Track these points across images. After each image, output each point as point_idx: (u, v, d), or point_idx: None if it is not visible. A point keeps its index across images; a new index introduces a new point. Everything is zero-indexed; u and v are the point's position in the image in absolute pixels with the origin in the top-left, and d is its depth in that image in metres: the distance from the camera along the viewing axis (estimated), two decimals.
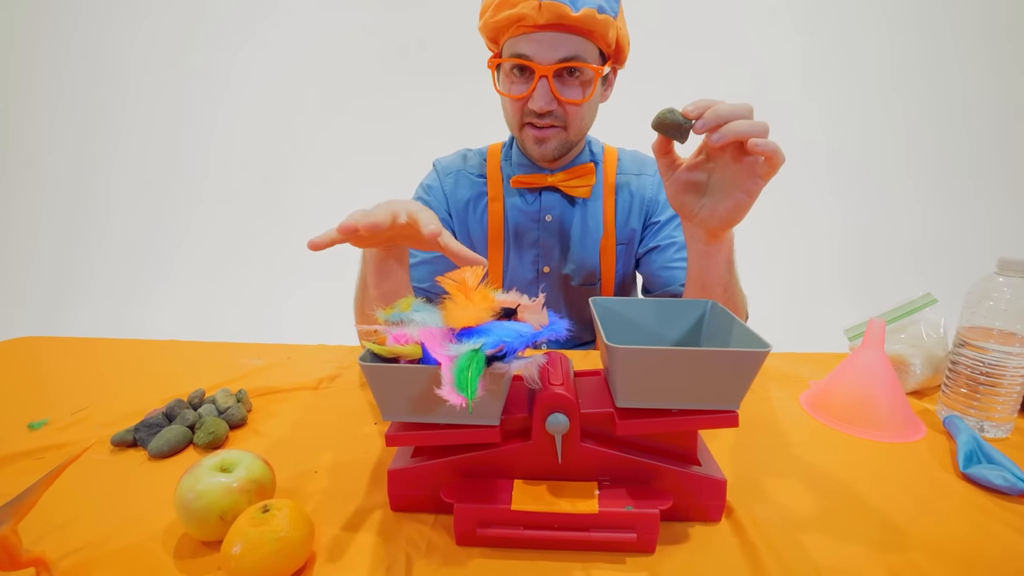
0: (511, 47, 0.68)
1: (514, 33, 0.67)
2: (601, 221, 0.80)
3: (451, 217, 0.82)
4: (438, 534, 0.41)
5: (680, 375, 0.37)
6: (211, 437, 0.52)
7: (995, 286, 0.54)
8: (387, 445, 0.40)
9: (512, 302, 0.42)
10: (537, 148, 0.74)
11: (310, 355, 0.77)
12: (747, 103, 0.46)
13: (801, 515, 0.44)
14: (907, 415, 0.57)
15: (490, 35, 0.70)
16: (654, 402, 0.39)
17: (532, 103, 0.68)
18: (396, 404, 0.38)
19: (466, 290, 0.43)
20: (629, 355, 0.37)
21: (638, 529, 0.39)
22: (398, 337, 0.39)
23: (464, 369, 0.34)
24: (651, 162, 0.85)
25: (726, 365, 0.37)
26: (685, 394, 0.38)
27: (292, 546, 0.35)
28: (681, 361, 0.37)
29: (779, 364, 0.75)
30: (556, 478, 0.42)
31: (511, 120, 0.74)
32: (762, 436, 0.56)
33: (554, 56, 0.66)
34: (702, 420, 0.40)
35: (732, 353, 0.37)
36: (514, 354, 0.36)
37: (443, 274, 0.42)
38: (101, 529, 0.41)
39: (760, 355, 0.36)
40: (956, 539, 0.41)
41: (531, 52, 0.66)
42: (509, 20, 0.65)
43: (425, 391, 0.37)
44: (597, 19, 0.64)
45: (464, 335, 0.38)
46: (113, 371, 0.73)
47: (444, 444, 0.41)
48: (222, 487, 0.38)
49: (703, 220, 0.53)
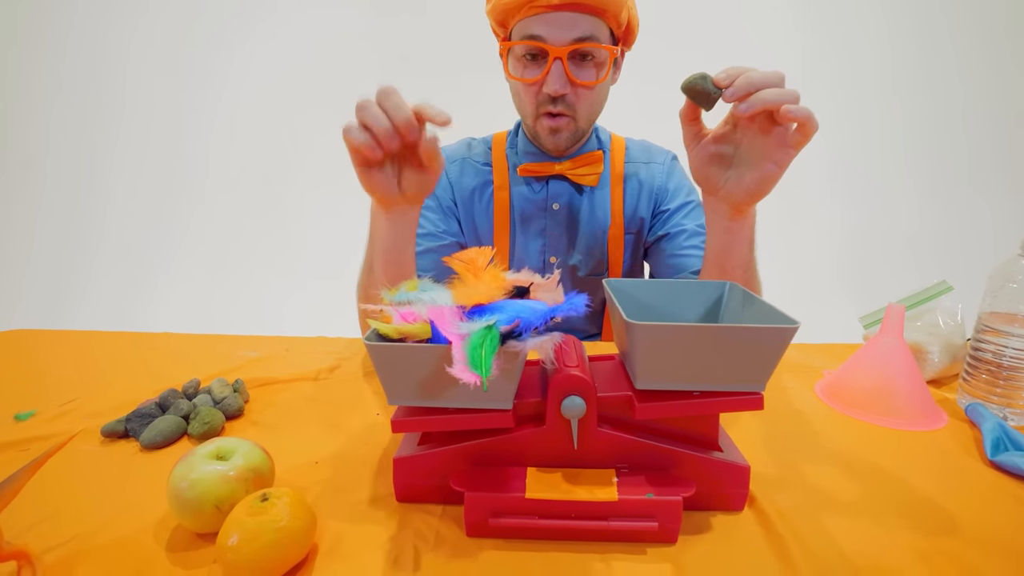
0: (522, 29, 0.66)
1: (526, 14, 0.64)
2: (609, 210, 0.78)
3: (456, 205, 0.80)
4: (447, 525, 0.39)
5: (704, 354, 0.35)
6: (206, 427, 0.49)
7: (1018, 268, 0.52)
8: (393, 431, 0.38)
9: (525, 280, 0.40)
10: (551, 138, 0.72)
11: (309, 347, 0.75)
12: (779, 71, 0.44)
13: (826, 504, 0.42)
14: (927, 402, 0.55)
15: (499, 18, 0.68)
16: (675, 383, 0.37)
17: (547, 86, 0.66)
18: (404, 387, 0.36)
19: (475, 269, 0.41)
20: (650, 332, 0.35)
21: (659, 518, 0.36)
22: (405, 316, 0.37)
23: (478, 346, 0.32)
24: (659, 151, 0.83)
25: (752, 342, 0.35)
26: (708, 374, 0.36)
27: (293, 536, 0.33)
28: (705, 338, 0.35)
29: (791, 354, 0.72)
30: (571, 465, 0.40)
31: (526, 108, 0.71)
32: (780, 425, 0.54)
33: (568, 36, 0.64)
34: (726, 403, 0.38)
35: (759, 330, 0.35)
36: (530, 330, 0.34)
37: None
38: (89, 522, 0.39)
39: (789, 331, 0.35)
40: (991, 526, 0.39)
41: (544, 33, 0.64)
42: (521, 1, 0.63)
43: (435, 372, 0.35)
44: None
45: (476, 313, 0.36)
46: (105, 363, 0.70)
47: (454, 430, 0.39)
48: (218, 475, 0.36)
49: (728, 193, 0.52)
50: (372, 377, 0.65)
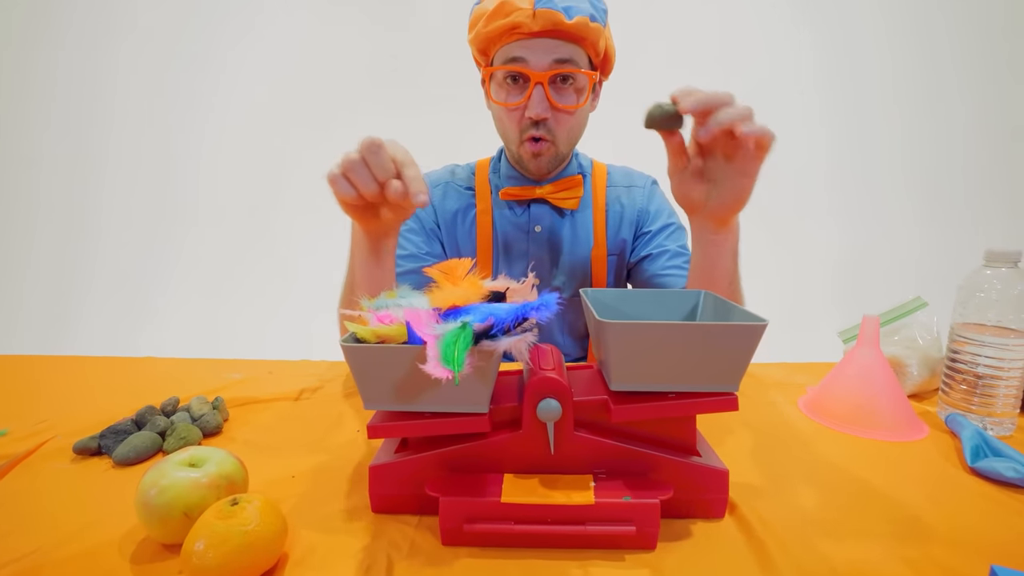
0: (505, 54, 0.69)
1: (508, 40, 0.68)
2: (592, 232, 0.80)
3: (439, 228, 0.82)
4: (422, 535, 0.38)
5: (676, 353, 0.36)
6: (182, 443, 0.49)
7: (984, 279, 0.54)
8: (368, 437, 0.38)
9: (501, 286, 0.41)
10: (534, 162, 0.74)
11: (292, 369, 0.74)
12: (729, 92, 0.47)
13: (809, 512, 0.41)
14: (908, 414, 0.56)
15: (481, 47, 0.71)
16: (650, 384, 0.37)
17: (529, 110, 0.69)
18: (379, 390, 0.36)
19: (454, 278, 0.42)
20: (623, 331, 0.36)
21: (637, 522, 0.36)
22: (382, 318, 0.37)
23: (451, 344, 0.33)
24: (640, 176, 0.86)
25: (724, 340, 0.36)
26: (682, 374, 0.37)
27: (262, 541, 0.32)
28: (677, 336, 0.36)
29: (775, 373, 0.74)
30: (549, 471, 0.39)
31: (509, 133, 0.74)
32: (762, 439, 0.54)
33: (549, 61, 0.67)
34: (701, 404, 0.38)
35: (729, 327, 0.36)
36: (503, 326, 0.34)
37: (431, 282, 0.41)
38: (51, 536, 0.38)
39: (758, 328, 0.35)
40: (973, 531, 0.39)
41: (527, 57, 0.67)
42: (503, 29, 0.67)
43: (410, 373, 0.35)
44: (589, 27, 0.66)
45: (451, 315, 0.37)
46: (83, 386, 0.69)
47: (430, 436, 0.39)
48: (189, 481, 0.36)
49: (711, 210, 0.53)
50: (354, 397, 0.64)
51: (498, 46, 0.69)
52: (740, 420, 0.57)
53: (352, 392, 0.66)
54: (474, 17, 0.71)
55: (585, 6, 0.67)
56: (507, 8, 0.66)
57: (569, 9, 0.65)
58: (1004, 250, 0.53)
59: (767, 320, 0.36)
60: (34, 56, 1.89)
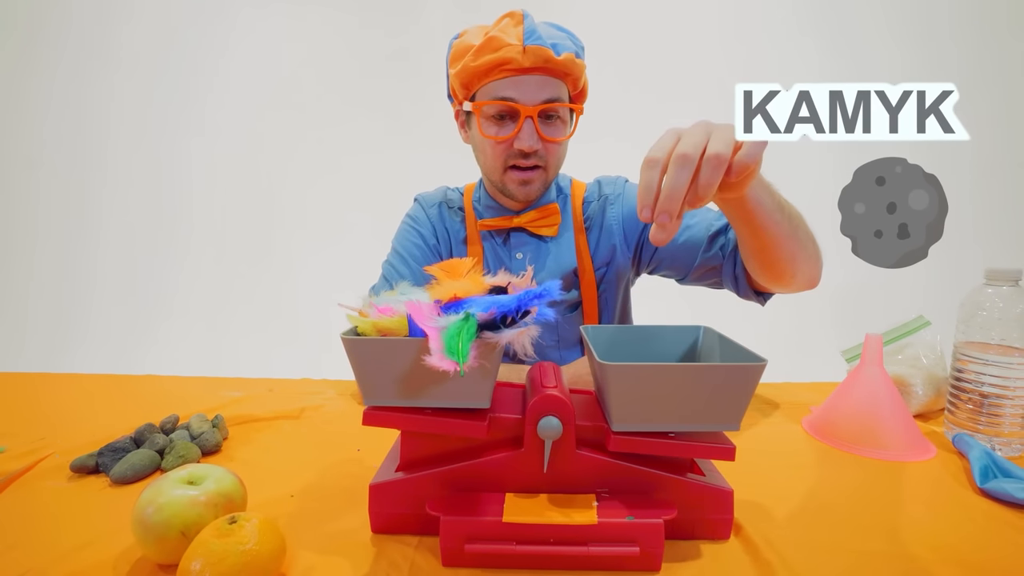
0: (492, 91, 0.69)
1: (495, 77, 0.68)
2: (574, 251, 0.80)
3: (439, 242, 0.82)
4: (422, 555, 0.37)
5: (677, 393, 0.36)
6: (181, 461, 0.48)
7: (985, 297, 0.54)
8: (363, 424, 0.37)
9: (502, 281, 0.41)
10: (522, 189, 0.74)
11: (293, 388, 0.74)
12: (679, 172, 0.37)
13: (816, 533, 0.41)
14: (914, 433, 0.55)
15: (465, 80, 0.71)
16: (650, 424, 0.37)
17: (519, 143, 0.70)
18: (380, 385, 0.36)
19: (455, 274, 0.42)
20: (623, 373, 0.36)
21: (641, 542, 0.35)
22: (383, 310, 0.37)
23: (455, 335, 0.33)
24: (608, 183, 0.84)
25: (723, 380, 0.36)
26: (683, 415, 0.37)
27: (260, 560, 0.32)
28: (677, 378, 0.36)
29: (778, 393, 0.73)
30: (550, 490, 0.39)
31: (492, 164, 0.74)
32: (767, 460, 0.53)
33: (538, 98, 0.68)
34: (699, 449, 0.37)
35: (728, 368, 0.36)
36: (505, 314, 0.34)
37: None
38: (43, 557, 0.37)
39: (756, 369, 0.35)
40: (983, 553, 0.38)
41: (516, 95, 0.68)
42: (491, 64, 0.67)
43: (412, 367, 0.35)
44: (575, 63, 0.68)
45: (452, 307, 0.36)
46: (83, 403, 0.69)
47: (428, 431, 0.38)
48: (187, 499, 0.35)
49: (723, 203, 0.50)
50: (355, 416, 0.64)
51: (484, 81, 0.69)
52: (743, 439, 0.57)
53: (353, 411, 0.65)
54: (458, 51, 0.71)
55: (569, 44, 0.69)
56: (495, 44, 0.66)
57: (556, 46, 0.67)
58: (1005, 268, 0.53)
59: (766, 359, 0.36)
60: (32, 67, 1.91)
